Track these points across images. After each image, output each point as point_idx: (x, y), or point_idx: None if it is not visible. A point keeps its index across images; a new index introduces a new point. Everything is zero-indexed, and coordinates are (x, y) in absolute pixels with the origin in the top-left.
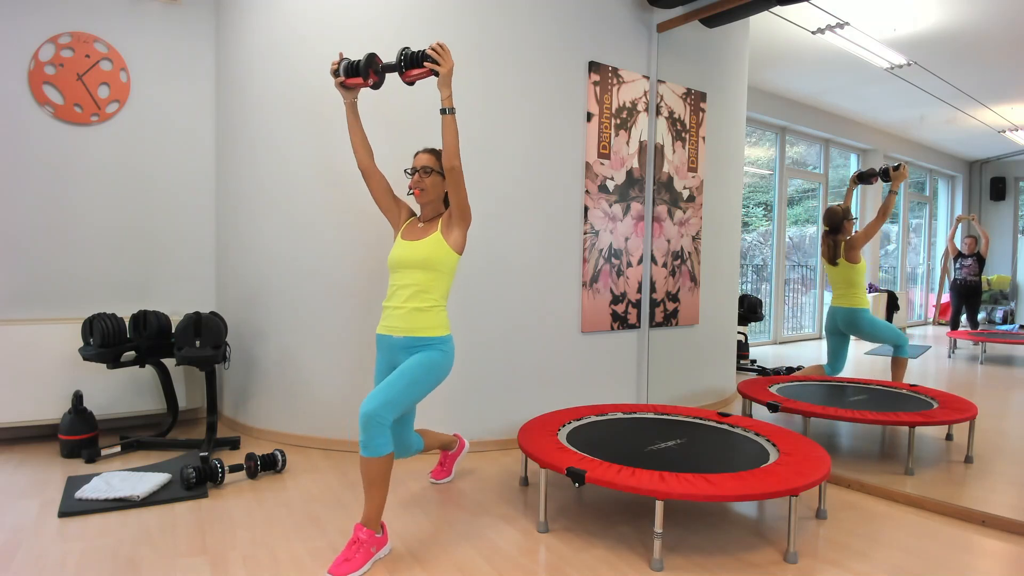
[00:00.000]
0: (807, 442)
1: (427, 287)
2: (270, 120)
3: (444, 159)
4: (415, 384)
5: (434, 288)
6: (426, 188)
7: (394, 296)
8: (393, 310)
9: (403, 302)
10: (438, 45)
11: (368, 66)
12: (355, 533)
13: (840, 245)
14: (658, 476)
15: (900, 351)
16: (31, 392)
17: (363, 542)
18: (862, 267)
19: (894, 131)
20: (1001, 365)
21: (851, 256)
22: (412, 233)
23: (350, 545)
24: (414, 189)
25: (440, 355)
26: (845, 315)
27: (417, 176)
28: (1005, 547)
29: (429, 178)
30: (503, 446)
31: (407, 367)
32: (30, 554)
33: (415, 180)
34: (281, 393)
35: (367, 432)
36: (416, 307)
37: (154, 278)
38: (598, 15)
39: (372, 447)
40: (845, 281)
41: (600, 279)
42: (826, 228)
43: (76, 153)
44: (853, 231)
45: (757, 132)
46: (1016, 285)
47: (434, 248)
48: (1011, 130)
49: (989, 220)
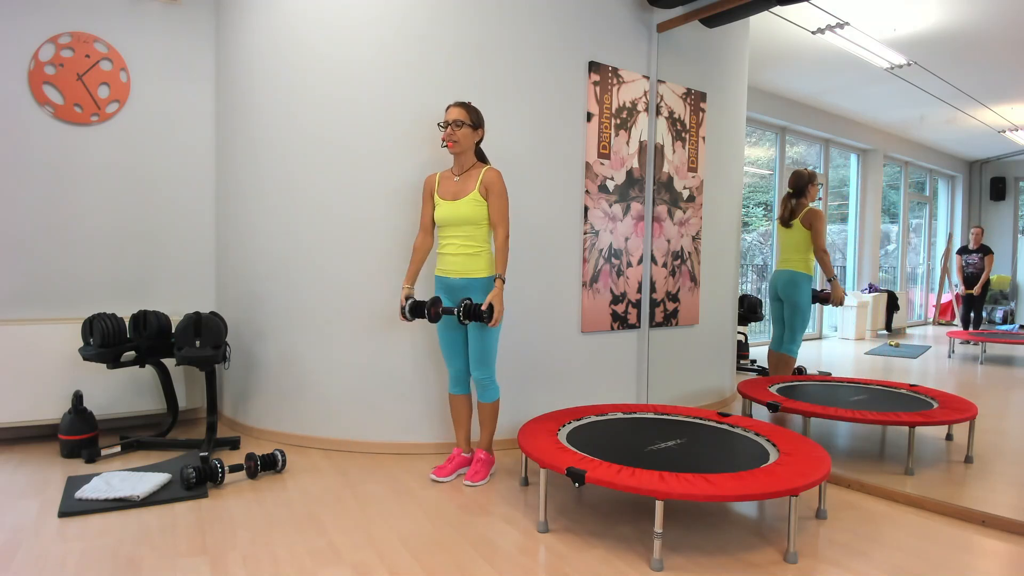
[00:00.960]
0: (807, 442)
1: (473, 235)
2: (270, 120)
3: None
4: (490, 337)
5: (478, 235)
6: (458, 140)
7: (447, 245)
8: (448, 256)
9: (455, 250)
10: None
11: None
12: (476, 454)
13: (801, 209)
14: (658, 476)
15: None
16: (31, 392)
17: (483, 461)
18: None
19: (894, 131)
20: (1001, 365)
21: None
22: (448, 189)
23: (475, 462)
24: (447, 141)
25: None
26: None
27: (450, 129)
28: (1005, 547)
29: (460, 130)
30: (503, 446)
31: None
32: (30, 554)
33: (448, 133)
34: (281, 393)
35: (482, 388)
36: (466, 253)
37: (154, 278)
38: (598, 15)
39: (487, 395)
40: (794, 245)
41: (600, 279)
42: (790, 190)
43: (76, 153)
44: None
45: (757, 132)
46: (1016, 285)
47: (474, 207)
48: (1011, 130)
49: (989, 220)
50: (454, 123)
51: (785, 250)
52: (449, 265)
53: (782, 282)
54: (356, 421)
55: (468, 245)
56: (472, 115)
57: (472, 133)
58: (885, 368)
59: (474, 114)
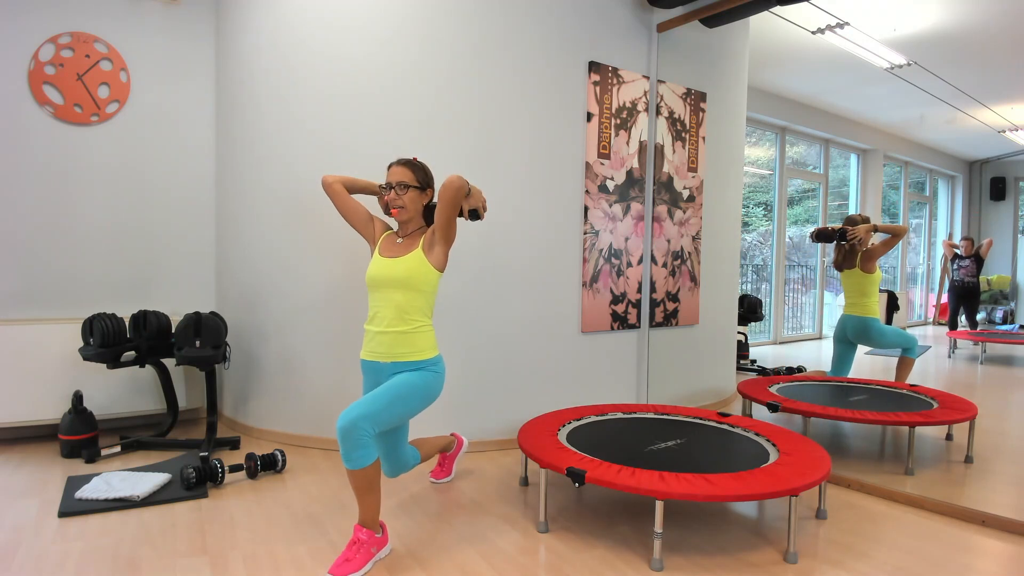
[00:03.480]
0: (807, 442)
1: (409, 307)
2: (270, 120)
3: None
4: (400, 401)
5: (417, 308)
6: (405, 205)
7: (376, 319)
8: (376, 335)
9: (386, 326)
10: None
11: None
12: (355, 534)
13: (857, 254)
14: (658, 476)
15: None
16: (31, 392)
17: (363, 542)
18: (876, 277)
19: (894, 131)
20: (1001, 365)
21: (867, 267)
22: (391, 249)
23: (350, 545)
24: (392, 208)
25: (431, 376)
26: (856, 324)
27: (393, 193)
28: (1005, 547)
29: (407, 194)
30: (503, 446)
31: (394, 383)
32: (30, 554)
33: (391, 197)
34: (281, 393)
35: (346, 445)
36: (400, 330)
37: (154, 278)
38: (598, 15)
39: (353, 459)
40: (858, 290)
41: (600, 279)
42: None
43: (76, 153)
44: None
45: (757, 132)
46: (1016, 285)
47: (415, 266)
48: (1011, 130)
49: (989, 220)
50: (399, 186)
51: (850, 294)
52: (379, 346)
53: (852, 330)
54: None
55: (404, 318)
56: (419, 175)
57: (419, 196)
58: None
59: (420, 173)
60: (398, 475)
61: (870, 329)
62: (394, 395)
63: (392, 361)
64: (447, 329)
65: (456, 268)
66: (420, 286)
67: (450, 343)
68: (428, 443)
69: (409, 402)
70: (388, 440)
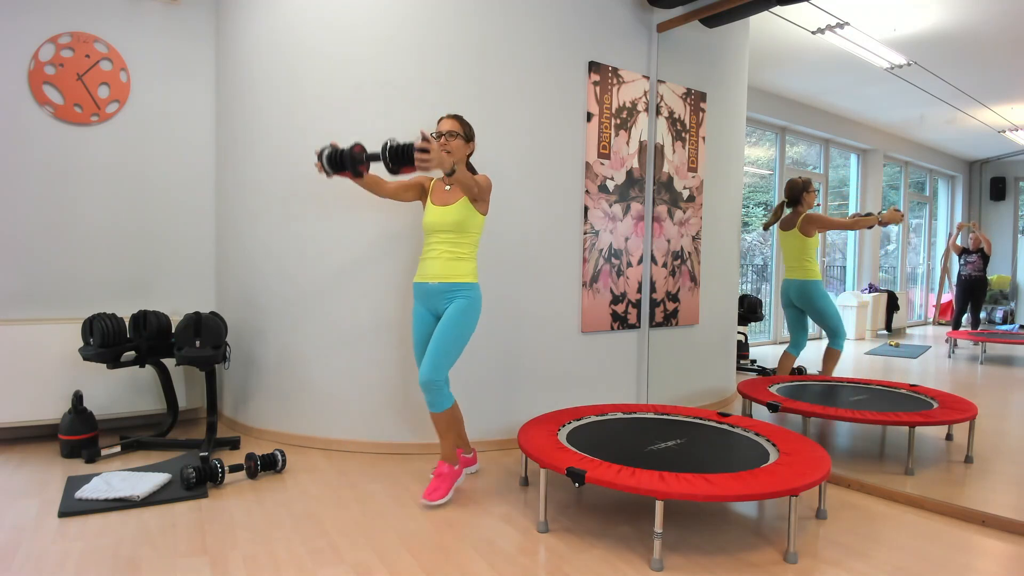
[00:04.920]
0: (807, 442)
1: (459, 242)
2: (270, 120)
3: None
4: (454, 340)
5: (465, 243)
6: (452, 151)
7: (431, 250)
8: (430, 261)
9: (439, 254)
10: (423, 140)
11: (355, 163)
12: (438, 468)
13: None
14: (658, 476)
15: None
16: (31, 392)
17: (444, 475)
18: (814, 241)
19: (894, 131)
20: (1001, 365)
21: (806, 230)
22: (441, 196)
23: (436, 477)
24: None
25: (467, 303)
26: (797, 287)
27: (443, 140)
28: (1005, 547)
29: (454, 141)
30: (503, 446)
31: (442, 327)
32: (30, 554)
33: (441, 143)
34: (281, 393)
35: (430, 394)
36: (449, 258)
37: (154, 278)
38: (598, 15)
39: (437, 404)
40: (798, 252)
41: (600, 279)
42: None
43: (76, 153)
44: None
45: (757, 132)
46: (1016, 285)
47: (463, 213)
48: (1011, 130)
49: (989, 220)
50: (448, 134)
51: (788, 258)
52: (430, 269)
53: (795, 293)
54: (356, 421)
55: (452, 251)
56: (465, 128)
57: (464, 145)
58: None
59: (467, 127)
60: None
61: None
62: (447, 337)
63: (440, 282)
64: None
65: None
66: (469, 228)
67: None
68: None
69: (460, 336)
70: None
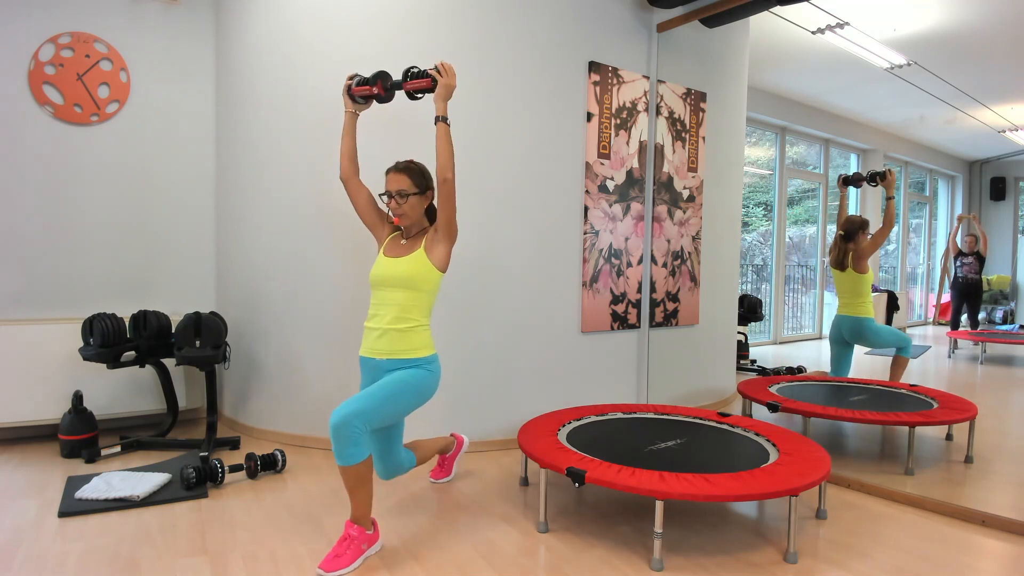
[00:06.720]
0: (807, 442)
1: (409, 306)
2: (270, 119)
3: (438, 171)
4: (393, 398)
5: (416, 307)
6: (405, 212)
7: (376, 316)
8: (375, 332)
9: (386, 324)
10: (442, 64)
11: (378, 77)
12: (346, 530)
13: (849, 253)
14: (658, 476)
15: (903, 351)
16: (31, 392)
17: (353, 539)
18: (869, 277)
19: (894, 131)
20: (1001, 365)
21: (859, 266)
22: (395, 250)
23: (341, 541)
24: (393, 217)
25: (426, 374)
26: (851, 324)
27: (394, 202)
28: (1005, 547)
29: (407, 201)
30: (503, 446)
31: (388, 381)
32: (30, 554)
33: (392, 206)
34: (281, 393)
35: (338, 441)
36: (399, 328)
37: (154, 278)
38: (598, 15)
39: (345, 456)
40: (851, 290)
41: (600, 279)
42: (841, 233)
43: (76, 153)
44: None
45: (757, 132)
46: (1016, 285)
47: (416, 266)
48: (1011, 130)
49: (989, 220)
50: (398, 195)
51: (843, 294)
52: (377, 343)
53: (847, 329)
54: None
55: (403, 317)
56: (417, 179)
57: (420, 200)
58: (885, 368)
59: (419, 177)
60: (392, 477)
61: (865, 329)
62: (388, 392)
63: (389, 358)
64: (448, 329)
65: (456, 268)
66: (422, 286)
67: (450, 343)
68: (425, 446)
69: (402, 399)
70: (382, 440)
